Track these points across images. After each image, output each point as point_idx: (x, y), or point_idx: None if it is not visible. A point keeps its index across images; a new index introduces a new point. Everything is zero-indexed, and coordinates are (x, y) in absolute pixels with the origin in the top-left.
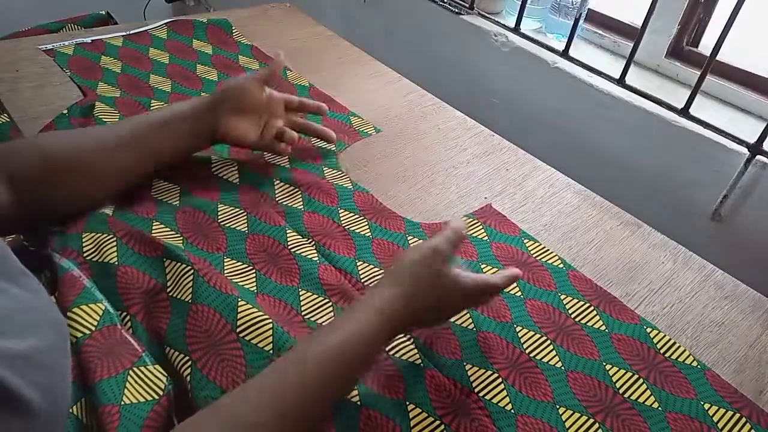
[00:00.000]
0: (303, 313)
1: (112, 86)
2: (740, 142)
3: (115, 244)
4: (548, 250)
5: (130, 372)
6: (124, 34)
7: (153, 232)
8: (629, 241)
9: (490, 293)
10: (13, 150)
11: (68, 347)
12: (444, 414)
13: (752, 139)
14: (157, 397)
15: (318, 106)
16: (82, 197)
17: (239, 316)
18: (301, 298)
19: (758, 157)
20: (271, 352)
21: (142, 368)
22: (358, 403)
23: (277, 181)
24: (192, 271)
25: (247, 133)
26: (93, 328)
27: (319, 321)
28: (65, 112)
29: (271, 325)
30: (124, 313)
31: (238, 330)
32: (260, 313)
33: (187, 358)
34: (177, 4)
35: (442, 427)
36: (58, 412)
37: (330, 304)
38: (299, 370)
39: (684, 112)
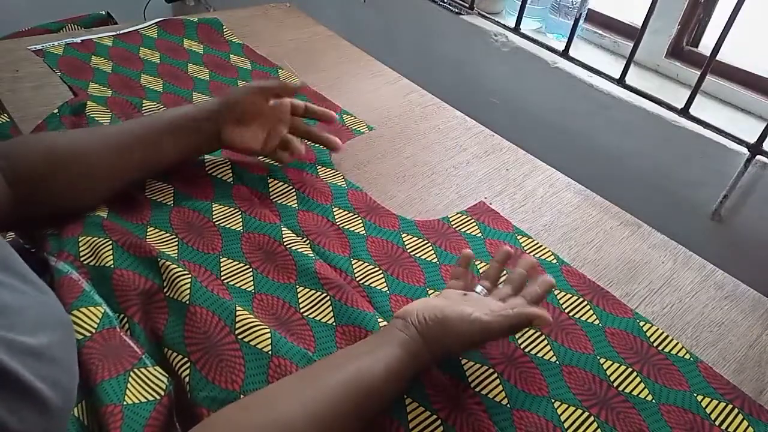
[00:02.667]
0: (302, 311)
1: (103, 86)
2: (740, 142)
3: (111, 247)
4: (541, 245)
5: (131, 373)
6: (114, 33)
7: (148, 237)
8: (629, 241)
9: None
10: (17, 145)
11: (75, 344)
12: (441, 409)
13: (752, 139)
14: (158, 397)
15: (325, 113)
16: (80, 196)
17: (237, 319)
18: (299, 296)
19: (758, 157)
20: (270, 353)
21: (143, 369)
22: None
23: (271, 180)
24: (189, 273)
25: (249, 142)
26: (93, 330)
27: (318, 318)
28: (56, 111)
29: (269, 328)
30: (122, 315)
31: (237, 332)
32: (258, 321)
33: (186, 359)
34: (177, 5)
35: (439, 422)
36: (66, 407)
37: (328, 298)
38: (347, 387)
39: (684, 112)
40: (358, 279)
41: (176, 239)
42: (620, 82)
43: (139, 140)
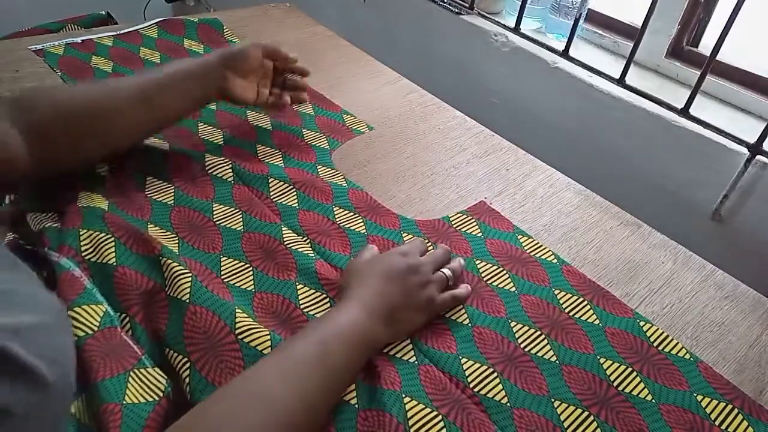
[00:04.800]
0: (302, 307)
1: None
2: (740, 142)
3: (113, 243)
4: (541, 245)
5: (131, 374)
6: (114, 33)
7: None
8: (629, 241)
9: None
10: (28, 102)
11: (69, 326)
12: (441, 406)
13: (752, 139)
14: (157, 398)
15: (301, 69)
16: (92, 151)
17: (237, 319)
18: (299, 292)
19: (758, 157)
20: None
21: (142, 370)
22: (356, 405)
23: (272, 180)
24: (189, 273)
25: (247, 93)
26: (95, 329)
27: (319, 315)
28: None
29: (268, 330)
30: (123, 315)
31: (237, 332)
32: (257, 325)
33: (186, 359)
34: (177, 5)
35: (440, 417)
36: (65, 385)
37: (327, 299)
38: (319, 351)
39: (684, 112)
40: None
41: (177, 238)
42: (620, 82)
43: (144, 94)
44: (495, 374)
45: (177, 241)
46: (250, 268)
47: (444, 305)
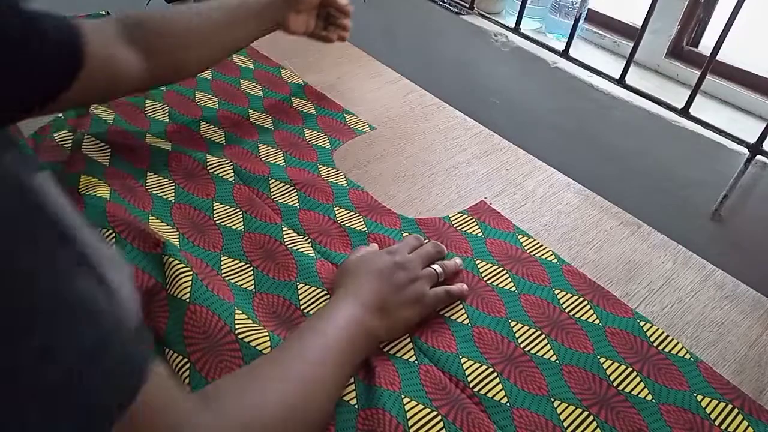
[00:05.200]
0: (302, 307)
1: None
2: (740, 142)
3: (114, 239)
4: (542, 245)
5: None
6: None
7: (150, 226)
8: (629, 241)
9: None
10: (137, 22)
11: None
12: (440, 405)
13: (752, 139)
14: None
15: (346, 9)
16: (184, 71)
17: (237, 319)
18: (299, 292)
19: (758, 157)
20: None
21: None
22: (356, 405)
23: (273, 180)
24: (190, 271)
25: (299, 26)
26: None
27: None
28: (60, 115)
29: (267, 331)
30: None
31: (237, 332)
32: (257, 325)
33: (185, 359)
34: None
35: (440, 417)
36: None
37: (328, 297)
38: (319, 347)
39: (684, 112)
40: None
41: (178, 234)
42: (620, 82)
43: (233, 24)
44: (495, 374)
45: (177, 236)
46: (251, 268)
47: (437, 299)
